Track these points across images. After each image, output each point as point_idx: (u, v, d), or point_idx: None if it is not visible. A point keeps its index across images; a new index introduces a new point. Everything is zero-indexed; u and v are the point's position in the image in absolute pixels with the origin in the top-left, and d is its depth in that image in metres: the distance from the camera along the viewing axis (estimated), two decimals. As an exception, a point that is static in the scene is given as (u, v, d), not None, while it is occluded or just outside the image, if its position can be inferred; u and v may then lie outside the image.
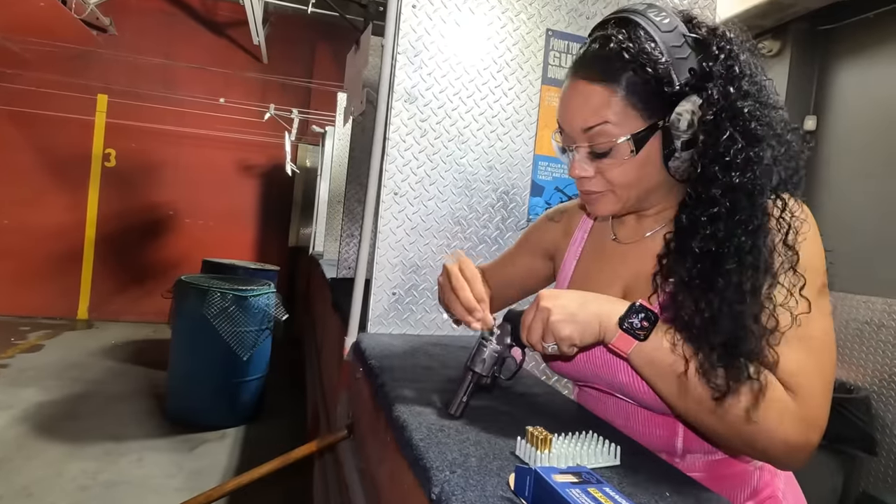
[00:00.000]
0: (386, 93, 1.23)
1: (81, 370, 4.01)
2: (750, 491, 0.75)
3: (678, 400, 0.64)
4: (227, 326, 3.04)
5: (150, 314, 5.66)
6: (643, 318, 0.63)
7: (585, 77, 0.67)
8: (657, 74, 0.64)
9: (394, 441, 0.77)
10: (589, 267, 0.85)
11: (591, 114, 0.67)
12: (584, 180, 0.71)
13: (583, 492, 0.47)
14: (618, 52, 0.65)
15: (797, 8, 2.75)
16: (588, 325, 0.64)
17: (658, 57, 0.64)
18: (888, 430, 2.30)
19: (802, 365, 0.62)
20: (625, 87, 0.65)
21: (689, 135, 0.65)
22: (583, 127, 0.68)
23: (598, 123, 0.66)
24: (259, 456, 2.81)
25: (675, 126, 0.65)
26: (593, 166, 0.70)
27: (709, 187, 0.63)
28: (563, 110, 0.71)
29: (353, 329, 1.25)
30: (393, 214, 1.26)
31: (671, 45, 0.64)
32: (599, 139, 0.67)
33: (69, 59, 5.41)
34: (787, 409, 0.60)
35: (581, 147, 0.69)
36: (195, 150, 5.88)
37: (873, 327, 2.41)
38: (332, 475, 1.54)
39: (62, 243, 5.58)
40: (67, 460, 2.66)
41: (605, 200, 0.72)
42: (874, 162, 2.68)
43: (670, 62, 0.64)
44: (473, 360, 0.73)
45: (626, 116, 0.66)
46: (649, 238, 0.77)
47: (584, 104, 0.67)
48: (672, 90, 0.64)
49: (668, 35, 0.65)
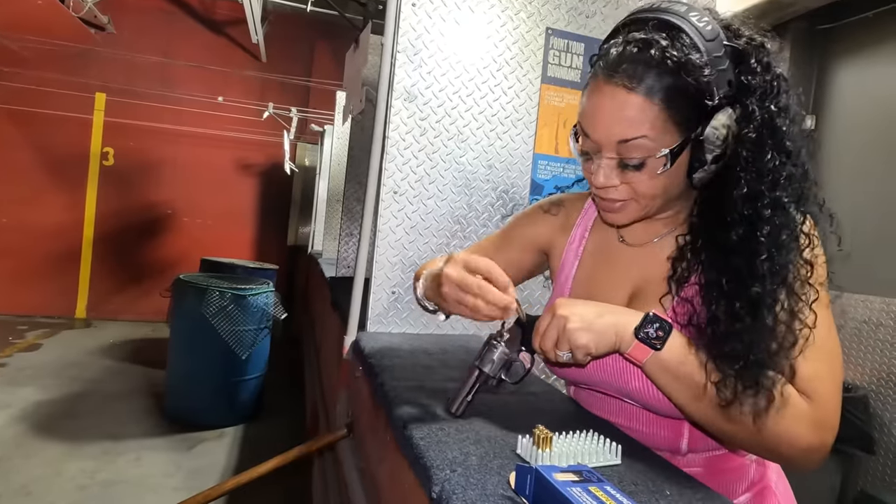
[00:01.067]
0: (385, 91, 1.23)
1: (80, 369, 4.00)
2: (747, 484, 0.76)
3: (694, 407, 0.65)
4: (225, 325, 3.04)
5: (148, 313, 5.65)
6: (658, 328, 0.63)
7: (623, 84, 0.62)
8: (699, 87, 0.61)
9: (393, 440, 0.77)
10: (593, 268, 0.83)
11: (629, 126, 0.63)
12: (608, 189, 0.68)
13: (584, 490, 0.46)
14: (660, 59, 0.60)
15: (796, 7, 2.75)
16: (604, 335, 0.64)
17: (702, 69, 0.60)
18: (886, 429, 2.31)
19: (817, 370, 0.63)
20: (664, 99, 0.61)
21: (721, 149, 0.63)
22: (618, 139, 0.64)
23: (635, 136, 0.63)
24: (258, 455, 2.80)
25: (709, 140, 0.62)
26: (620, 177, 0.67)
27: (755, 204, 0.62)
28: (593, 117, 0.65)
29: (353, 328, 1.25)
30: (392, 213, 1.25)
31: (714, 56, 0.61)
32: (633, 153, 0.64)
33: (67, 57, 5.39)
34: (804, 415, 0.62)
35: (610, 158, 0.66)
36: (194, 149, 5.87)
37: (871, 326, 2.42)
38: (332, 474, 1.54)
39: (60, 242, 5.57)
40: (66, 459, 2.65)
41: (628, 210, 0.70)
42: (873, 161, 2.69)
43: (714, 75, 0.61)
44: (482, 360, 0.71)
45: (664, 130, 0.62)
46: (659, 242, 0.77)
47: (619, 114, 0.63)
48: (712, 104, 0.61)
49: (711, 44, 0.61)
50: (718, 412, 0.63)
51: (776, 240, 0.62)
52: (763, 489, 0.77)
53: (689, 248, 0.70)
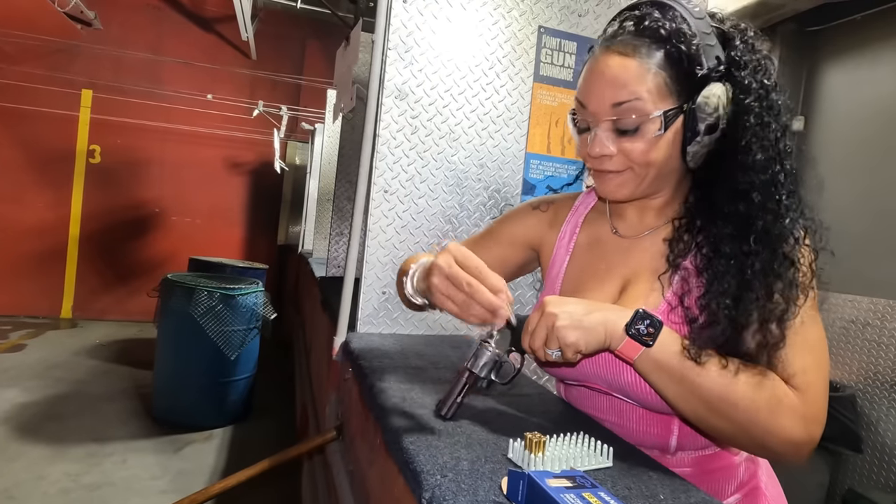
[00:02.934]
0: (376, 89, 1.21)
1: (65, 370, 3.94)
2: (737, 483, 0.76)
3: (684, 402, 0.65)
4: (214, 325, 3.00)
5: (135, 313, 5.58)
6: (649, 325, 0.63)
7: (619, 52, 0.66)
8: (690, 54, 0.64)
9: (383, 443, 0.76)
10: (584, 262, 0.83)
11: (623, 88, 0.65)
12: (602, 159, 0.69)
13: (577, 497, 0.45)
14: (654, 29, 0.65)
15: (786, 9, 2.77)
16: (594, 332, 0.64)
17: (692, 37, 0.64)
18: (873, 428, 2.33)
19: (806, 365, 0.64)
20: (658, 64, 0.65)
21: (714, 119, 0.66)
22: (613, 102, 0.66)
23: (630, 99, 0.65)
24: (246, 457, 2.78)
25: (702, 109, 0.65)
26: (616, 144, 0.68)
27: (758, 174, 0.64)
28: (590, 85, 0.68)
29: (343, 328, 1.23)
30: (383, 212, 1.24)
31: (702, 31, 0.65)
32: (628, 115, 0.66)
33: (53, 53, 5.31)
34: (794, 409, 0.62)
35: (606, 122, 0.67)
36: (182, 147, 5.81)
37: (858, 326, 2.44)
38: (321, 477, 1.52)
39: (45, 241, 5.48)
40: (50, 462, 2.61)
41: (622, 180, 0.70)
42: (861, 161, 2.71)
43: (702, 45, 0.64)
44: (473, 362, 0.70)
45: (658, 94, 0.65)
46: (652, 234, 0.77)
47: (616, 79, 0.65)
48: (702, 71, 0.64)
49: (700, 22, 0.65)
50: (710, 409, 0.63)
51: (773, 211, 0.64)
52: (753, 489, 0.77)
53: (685, 230, 0.71)
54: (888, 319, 2.32)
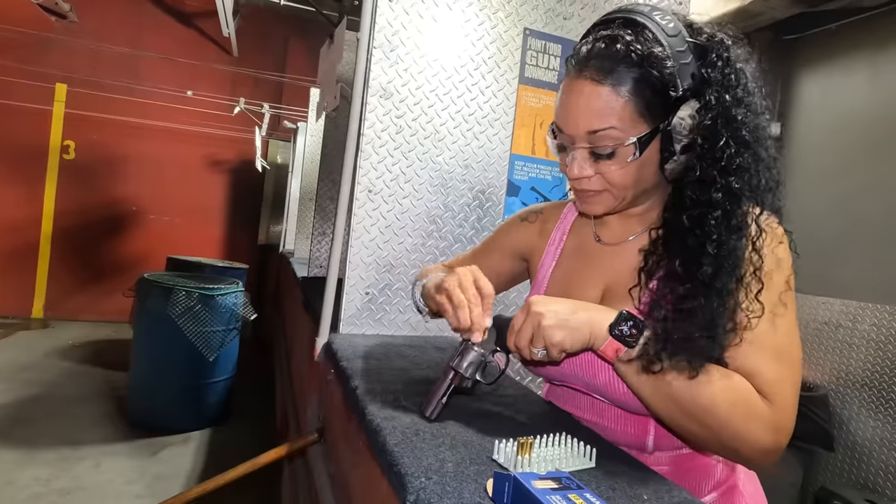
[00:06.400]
0: (361, 88, 1.20)
1: (36, 372, 3.82)
2: (713, 483, 0.77)
3: (660, 405, 0.66)
4: (192, 326, 2.94)
5: (110, 313, 5.44)
6: (632, 326, 0.64)
7: (591, 77, 0.66)
8: (663, 79, 0.64)
9: (367, 446, 0.75)
10: (569, 267, 0.85)
11: (597, 117, 0.66)
12: (582, 180, 0.71)
13: (563, 498, 0.45)
14: (625, 53, 0.64)
15: (763, 17, 2.83)
16: (578, 331, 0.65)
17: (665, 61, 0.64)
18: (845, 427, 2.40)
19: (781, 376, 0.65)
20: (630, 90, 0.64)
21: (689, 139, 0.66)
22: (587, 129, 0.67)
23: (604, 127, 0.66)
24: (225, 461, 2.73)
25: (676, 130, 0.65)
26: (593, 167, 0.69)
27: (708, 190, 0.64)
28: (565, 111, 0.69)
29: (325, 329, 1.21)
30: (367, 212, 1.23)
31: (676, 50, 0.64)
32: (603, 142, 0.67)
33: (25, 45, 5.15)
34: (764, 418, 0.63)
35: (582, 148, 0.69)
36: (161, 144, 5.69)
37: (831, 328, 2.50)
38: (302, 481, 1.50)
39: (16, 238, 5.32)
40: (19, 467, 2.52)
41: (601, 199, 0.72)
42: (834, 168, 2.79)
43: (676, 67, 0.64)
44: (457, 362, 0.71)
45: (631, 121, 0.65)
46: (633, 241, 0.78)
47: (588, 106, 0.66)
48: (676, 94, 0.65)
49: (674, 39, 0.65)
50: (684, 412, 0.64)
51: (727, 224, 0.64)
52: (730, 488, 0.78)
53: (661, 241, 0.71)
54: (859, 321, 2.39)
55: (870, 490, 2.26)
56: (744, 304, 0.64)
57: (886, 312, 2.29)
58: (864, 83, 2.69)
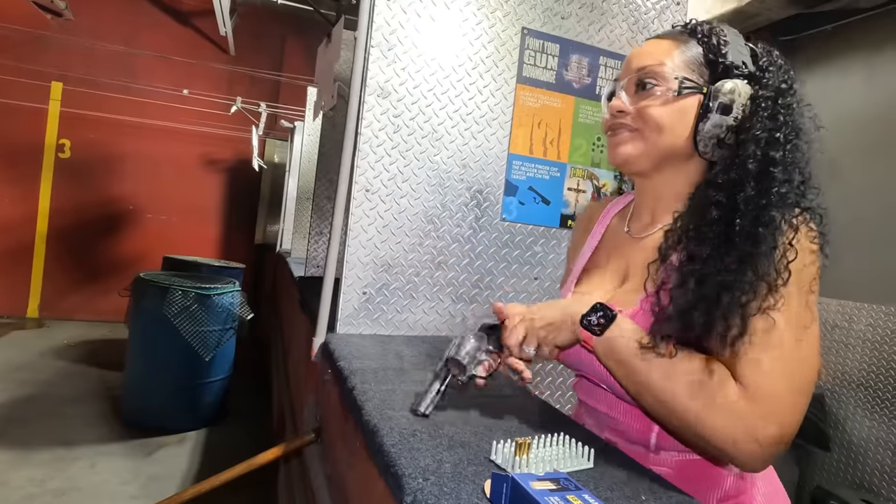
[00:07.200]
0: (358, 87, 1.20)
1: (31, 372, 3.80)
2: (720, 494, 0.74)
3: (634, 391, 0.68)
4: (188, 326, 2.93)
5: (106, 313, 5.41)
6: (600, 316, 0.68)
7: (658, 36, 0.79)
8: (717, 47, 0.73)
9: (364, 446, 0.75)
10: (600, 256, 0.89)
11: (651, 56, 0.76)
12: (619, 116, 0.77)
13: (561, 499, 0.45)
14: (692, 27, 0.77)
15: (760, 18, 2.83)
16: (563, 326, 0.71)
17: (721, 36, 0.74)
18: (841, 427, 2.40)
19: (766, 367, 0.62)
20: (688, 46, 0.75)
21: (728, 101, 0.71)
22: (640, 66, 0.76)
23: (654, 63, 0.75)
24: (221, 461, 2.72)
25: (718, 91, 0.71)
26: (634, 102, 0.76)
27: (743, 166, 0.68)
28: (628, 59, 0.79)
29: (322, 329, 1.21)
30: (364, 212, 1.22)
31: (735, 39, 0.74)
32: (649, 76, 0.75)
33: (21, 43, 5.13)
34: (732, 411, 0.61)
35: (629, 79, 0.77)
36: (157, 143, 5.66)
37: (827, 328, 2.51)
38: (298, 482, 1.49)
39: (11, 237, 5.29)
40: (13, 468, 2.51)
41: (632, 140, 0.76)
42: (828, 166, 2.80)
43: (731, 45, 0.73)
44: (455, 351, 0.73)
45: (681, 66, 0.74)
46: (657, 233, 0.79)
47: (648, 51, 0.77)
48: (725, 63, 0.72)
49: (734, 35, 0.75)
50: (656, 399, 0.65)
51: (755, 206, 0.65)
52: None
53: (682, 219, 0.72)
54: (855, 321, 2.40)
55: (865, 489, 2.27)
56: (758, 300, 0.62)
57: (882, 312, 2.30)
58: (861, 84, 2.70)
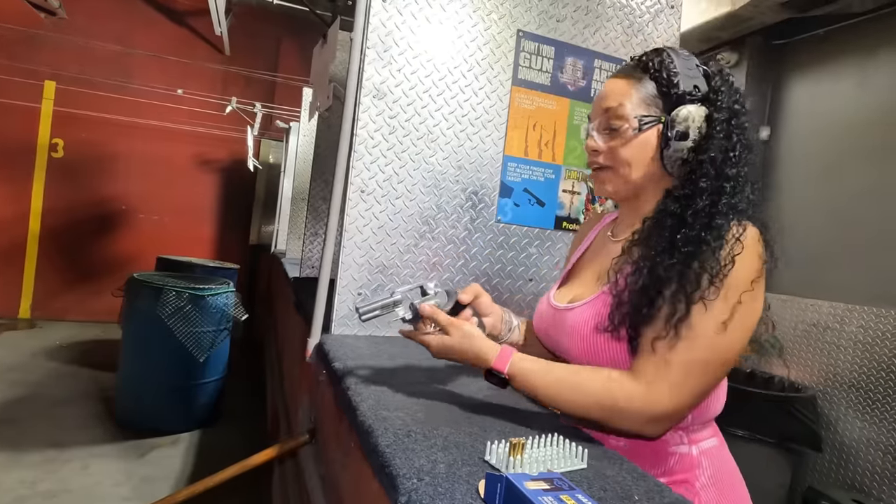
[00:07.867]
0: (354, 88, 1.20)
1: (22, 372, 3.77)
2: (664, 470, 0.81)
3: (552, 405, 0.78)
4: (182, 327, 2.92)
5: (99, 313, 5.38)
6: (497, 380, 0.78)
7: (616, 76, 0.87)
8: (668, 79, 0.81)
9: (358, 446, 0.75)
10: (585, 259, 0.98)
11: (612, 98, 0.85)
12: (594, 154, 0.87)
13: (556, 499, 0.45)
14: (645, 63, 0.84)
15: (753, 22, 2.86)
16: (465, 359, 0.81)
17: (672, 67, 0.81)
18: (832, 428, 2.42)
19: (674, 353, 0.71)
20: (642, 84, 0.83)
21: (684, 128, 0.80)
22: (604, 108, 0.85)
23: (615, 105, 0.83)
24: (215, 463, 2.71)
25: (674, 120, 0.80)
26: (605, 142, 0.85)
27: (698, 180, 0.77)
28: (596, 100, 0.89)
29: (317, 330, 1.21)
30: (360, 213, 1.22)
31: (685, 66, 0.82)
32: (613, 118, 0.84)
33: (13, 42, 5.09)
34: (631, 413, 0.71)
35: (597, 122, 0.86)
36: (151, 143, 5.63)
37: (819, 329, 2.53)
38: (293, 483, 1.49)
39: (2, 237, 5.24)
40: (3, 470, 2.48)
41: (607, 176, 0.86)
42: (821, 170, 2.82)
43: (680, 73, 0.81)
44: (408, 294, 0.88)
45: (639, 104, 0.83)
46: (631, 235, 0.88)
47: (611, 92, 0.86)
48: (677, 92, 0.80)
49: (685, 60, 0.83)
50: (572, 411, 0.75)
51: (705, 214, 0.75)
52: (682, 482, 0.79)
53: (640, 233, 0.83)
54: (847, 323, 2.42)
55: (857, 490, 2.29)
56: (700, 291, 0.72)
57: (874, 314, 2.32)
58: (853, 88, 2.73)
